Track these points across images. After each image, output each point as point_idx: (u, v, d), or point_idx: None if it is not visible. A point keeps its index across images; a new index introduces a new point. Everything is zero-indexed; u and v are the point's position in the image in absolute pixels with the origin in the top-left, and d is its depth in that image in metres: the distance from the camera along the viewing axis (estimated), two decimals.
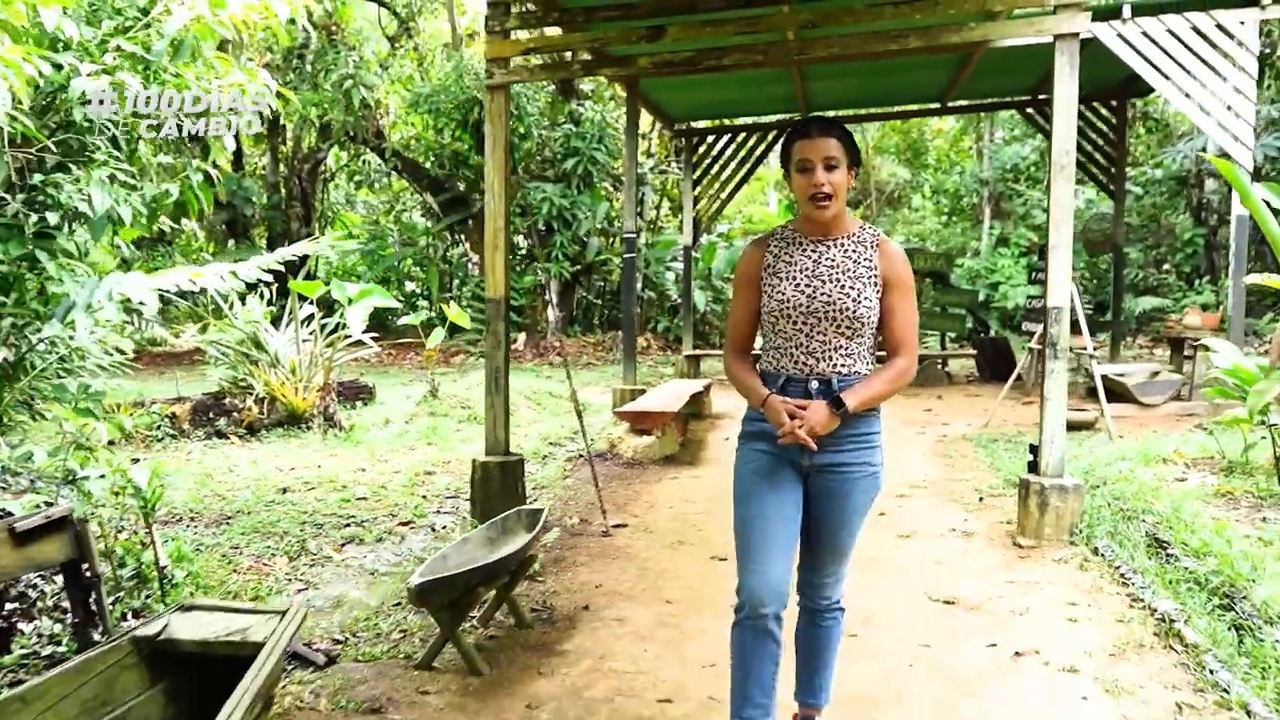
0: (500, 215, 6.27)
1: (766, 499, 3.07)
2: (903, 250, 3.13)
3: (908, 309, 3.08)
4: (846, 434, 3.04)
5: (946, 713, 3.67)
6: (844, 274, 3.02)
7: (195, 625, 2.99)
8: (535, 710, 3.71)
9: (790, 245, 3.13)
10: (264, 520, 6.42)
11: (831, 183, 2.96)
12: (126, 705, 2.72)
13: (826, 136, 2.97)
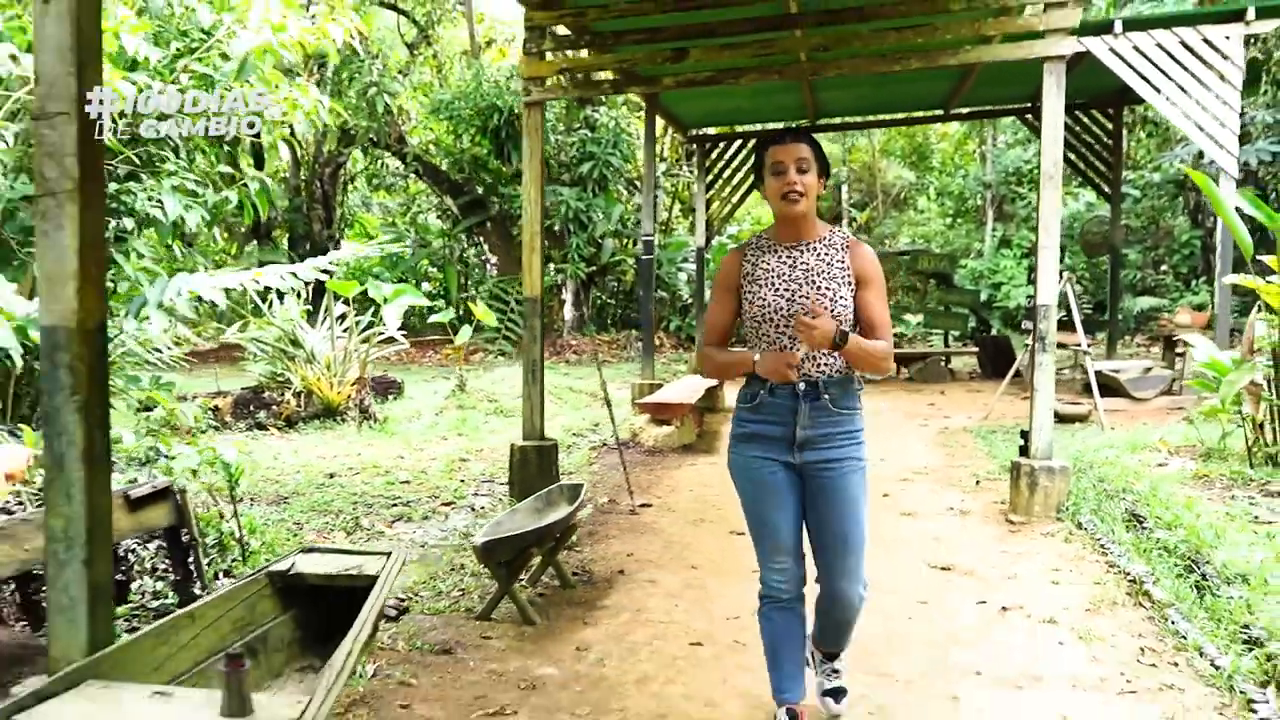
0: (537, 220, 6.87)
1: (766, 502, 3.27)
2: (871, 249, 3.32)
3: (879, 302, 3.25)
4: (835, 432, 3.20)
5: (940, 656, 4.24)
6: (819, 276, 3.17)
7: (317, 563, 3.59)
8: (584, 651, 4.29)
9: (766, 253, 3.28)
10: (318, 500, 7.01)
11: (803, 183, 3.13)
12: (265, 626, 3.30)
13: (798, 142, 3.17)
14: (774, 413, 3.22)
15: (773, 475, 3.25)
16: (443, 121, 18.34)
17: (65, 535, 2.78)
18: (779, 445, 3.23)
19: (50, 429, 2.79)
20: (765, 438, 3.25)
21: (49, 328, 2.75)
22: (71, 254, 2.70)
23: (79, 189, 2.70)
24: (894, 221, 25.81)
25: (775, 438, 3.24)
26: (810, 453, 3.19)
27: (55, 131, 2.70)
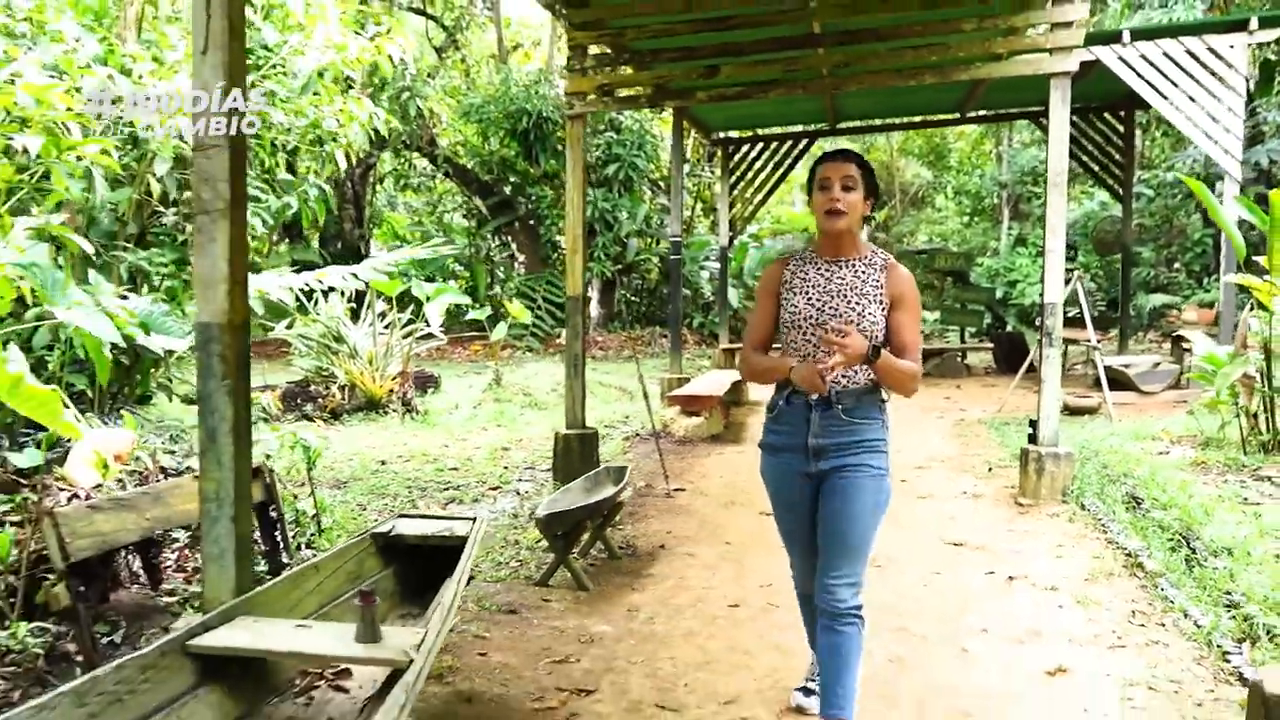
0: (579, 224, 7.40)
1: (787, 516, 3.47)
2: (909, 273, 3.40)
3: (913, 325, 3.33)
4: (851, 440, 3.28)
5: (952, 617, 4.75)
6: (852, 291, 3.28)
7: (413, 526, 4.13)
8: (634, 612, 4.82)
9: (807, 264, 3.40)
10: (375, 484, 7.56)
11: (846, 200, 3.23)
12: (371, 579, 3.84)
13: (848, 161, 3.29)
14: (789, 422, 3.36)
15: (790, 487, 3.40)
16: (472, 124, 18.89)
17: (217, 496, 3.33)
18: (797, 455, 3.34)
19: (204, 408, 3.33)
20: (785, 448, 3.38)
21: (203, 324, 3.29)
22: (223, 262, 3.25)
23: (229, 209, 3.24)
24: (912, 220, 26.25)
25: (793, 447, 3.35)
26: (825, 461, 3.29)
27: (210, 161, 3.24)
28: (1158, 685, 3.92)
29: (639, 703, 3.82)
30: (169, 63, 6.22)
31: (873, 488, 3.27)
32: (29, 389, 4.43)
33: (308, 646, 2.96)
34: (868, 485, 3.26)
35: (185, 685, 2.94)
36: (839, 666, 3.28)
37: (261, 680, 3.16)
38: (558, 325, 19.01)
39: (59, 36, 5.68)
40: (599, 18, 7.08)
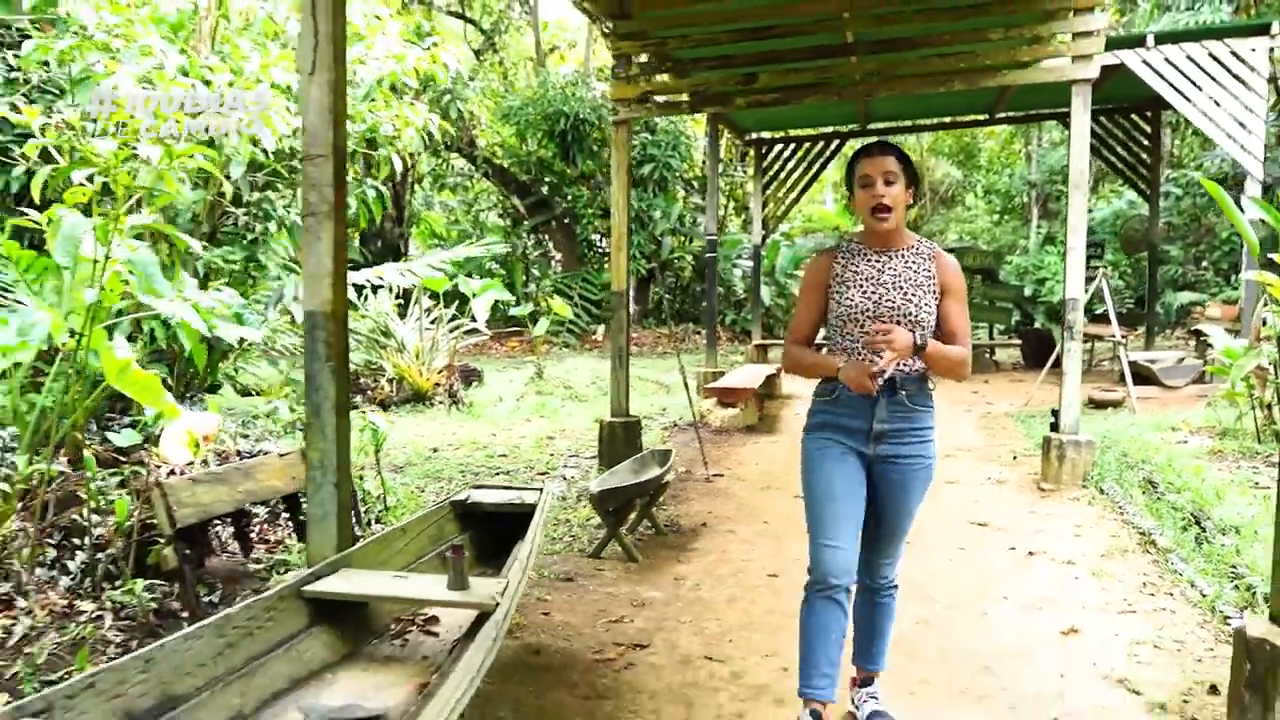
0: (624, 224, 7.82)
1: (836, 481, 3.34)
2: (957, 261, 3.45)
3: (961, 312, 3.39)
4: (908, 428, 3.33)
5: (974, 587, 5.15)
6: (906, 282, 3.30)
7: (487, 495, 4.57)
8: (681, 581, 5.25)
9: (856, 257, 3.40)
10: (430, 469, 8.02)
11: (891, 195, 3.24)
12: (448, 543, 4.28)
13: (886, 155, 3.27)
14: (852, 405, 3.33)
15: (845, 455, 3.36)
16: (510, 126, 19.37)
17: (321, 465, 3.78)
18: (856, 435, 3.34)
19: (310, 387, 3.78)
20: (843, 427, 3.36)
21: (311, 313, 3.74)
22: (328, 259, 3.70)
23: (333, 211, 3.69)
24: (942, 219, 26.50)
25: (852, 429, 3.34)
26: (884, 446, 3.32)
27: (317, 169, 3.69)
28: (1162, 644, 4.31)
29: (689, 655, 4.25)
30: (245, 73, 6.67)
31: (923, 478, 3.39)
32: (135, 373, 4.89)
33: (406, 592, 3.41)
34: (921, 477, 3.38)
35: (300, 625, 3.39)
36: (879, 628, 3.61)
37: (363, 624, 3.61)
38: (593, 322, 19.47)
39: (148, 50, 6.14)
40: (643, 29, 7.50)
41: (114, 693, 2.70)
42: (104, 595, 4.56)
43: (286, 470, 5.38)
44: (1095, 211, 20.01)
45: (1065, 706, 3.72)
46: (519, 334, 18.83)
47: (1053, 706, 3.72)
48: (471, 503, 4.52)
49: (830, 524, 3.33)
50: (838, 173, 26.14)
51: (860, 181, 3.30)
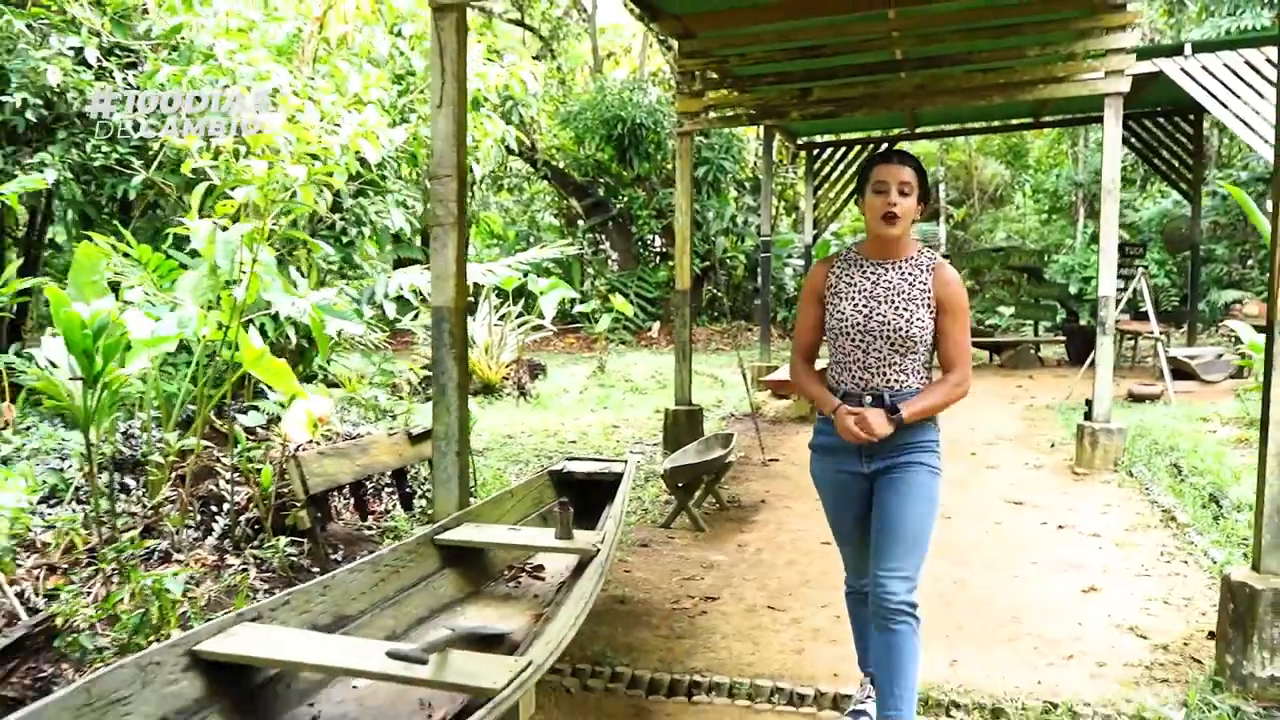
0: (687, 227, 8.48)
1: (841, 514, 3.48)
2: (958, 275, 3.35)
3: (960, 331, 3.30)
4: (904, 443, 3.27)
5: (1007, 554, 5.75)
6: (898, 295, 3.23)
7: (580, 466, 5.27)
8: (744, 547, 5.90)
9: (852, 267, 3.35)
10: (507, 453, 8.73)
11: (902, 206, 3.18)
12: (548, 506, 4.98)
13: (904, 165, 3.22)
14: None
15: (843, 486, 3.40)
16: (569, 130, 20.09)
17: (445, 436, 4.48)
18: (850, 456, 3.33)
19: (436, 370, 4.48)
20: (838, 448, 3.34)
21: (437, 308, 4.44)
22: (452, 263, 4.39)
23: (456, 222, 4.38)
24: (990, 218, 26.86)
25: (846, 448, 3.31)
26: (878, 461, 3.29)
27: (443, 187, 4.39)
28: (1172, 601, 4.90)
29: (754, 605, 4.90)
30: (348, 94, 7.40)
31: (928, 483, 3.28)
32: (269, 361, 5.64)
33: (521, 540, 4.10)
34: (923, 480, 3.28)
35: (434, 567, 4.09)
36: (895, 666, 3.27)
37: (483, 568, 4.31)
38: (648, 319, 20.15)
39: (265, 75, 6.88)
40: (706, 48, 8.15)
41: (303, 609, 3.41)
42: (246, 551, 5.30)
43: (394, 448, 6.10)
44: (1141, 211, 20.36)
45: (1080, 647, 4.33)
46: (577, 331, 19.57)
47: (1070, 647, 4.33)
48: (566, 472, 5.21)
49: (847, 549, 3.59)
50: None
51: (875, 186, 3.23)
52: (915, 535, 3.27)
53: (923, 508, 3.27)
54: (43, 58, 7.89)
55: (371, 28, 8.40)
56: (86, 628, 4.06)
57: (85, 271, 5.84)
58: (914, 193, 3.22)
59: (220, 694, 3.00)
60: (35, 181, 7.02)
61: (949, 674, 4.06)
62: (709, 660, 4.24)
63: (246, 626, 3.15)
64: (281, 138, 5.27)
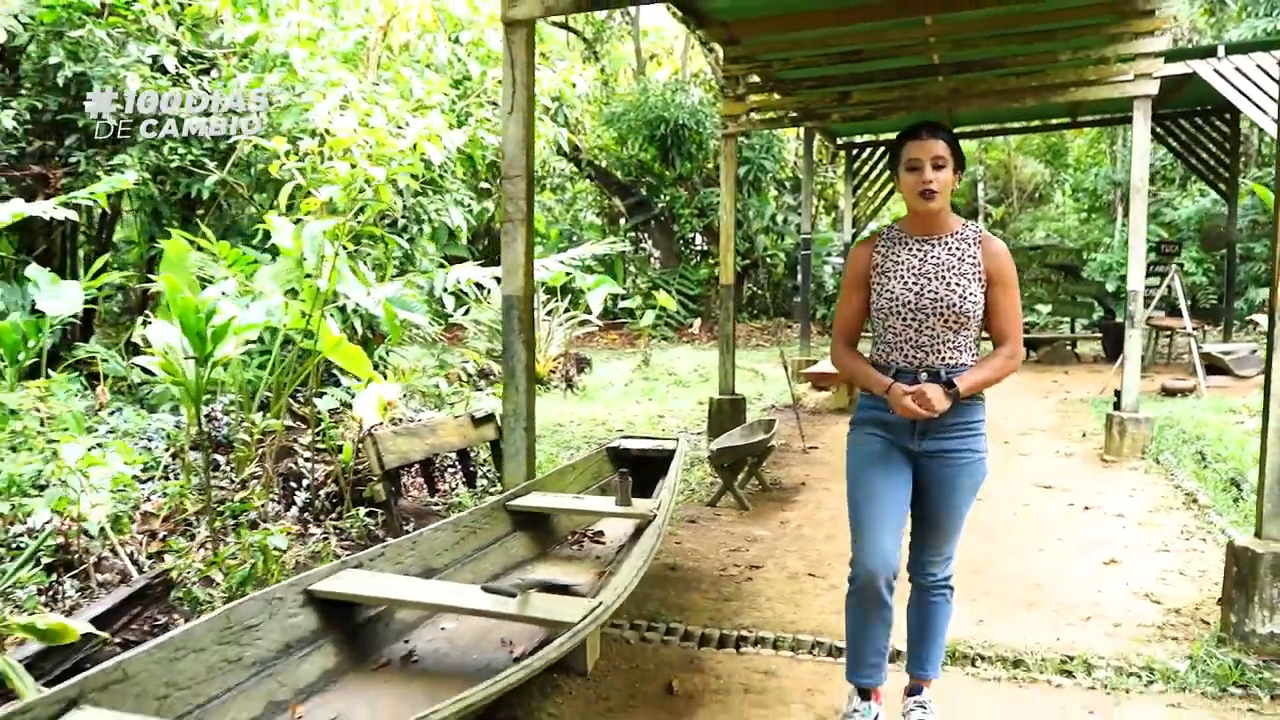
0: (731, 225, 8.89)
1: (878, 480, 3.28)
2: (1005, 246, 3.30)
3: (1010, 303, 3.25)
4: (954, 422, 3.22)
5: (1034, 532, 6.10)
6: (949, 271, 3.18)
7: (635, 443, 5.70)
8: (785, 524, 6.30)
9: (897, 245, 3.29)
10: (559, 440, 9.17)
11: (939, 180, 3.12)
12: (606, 479, 5.41)
13: (935, 139, 3.14)
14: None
15: (888, 453, 3.30)
16: (613, 130, 20.54)
17: (515, 413, 4.92)
18: (902, 431, 3.26)
19: (506, 354, 4.92)
20: (888, 423, 3.28)
21: (508, 296, 4.88)
22: (521, 255, 4.82)
23: (525, 219, 4.82)
24: (1029, 216, 27.02)
25: (898, 424, 3.26)
26: (930, 441, 3.24)
27: (514, 186, 4.82)
28: (1188, 572, 5.24)
29: (796, 573, 5.30)
30: (412, 98, 7.87)
31: (973, 472, 3.28)
32: (346, 347, 6.11)
33: (585, 506, 4.54)
34: (970, 471, 3.27)
35: (506, 530, 4.53)
36: (930, 632, 3.45)
37: (549, 532, 4.75)
38: (689, 316, 20.55)
39: (337, 82, 7.36)
40: (750, 53, 8.54)
41: (396, 560, 3.86)
42: (326, 522, 5.77)
43: (459, 430, 6.55)
44: (1179, 210, 20.49)
45: (1098, 611, 4.70)
46: (620, 327, 20.01)
47: (1088, 611, 4.70)
48: (622, 449, 5.65)
49: (869, 522, 3.28)
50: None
51: (908, 165, 3.18)
52: (958, 525, 3.36)
53: (969, 497, 3.31)
54: (122, 65, 8.42)
55: (433, 35, 8.86)
56: (195, 582, 4.54)
57: (175, 265, 6.35)
58: (949, 165, 3.16)
59: (330, 628, 3.45)
60: (121, 182, 7.55)
61: (975, 632, 4.44)
62: (754, 619, 4.65)
63: (351, 572, 3.60)
64: (360, 141, 5.72)
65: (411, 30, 8.82)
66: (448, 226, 9.21)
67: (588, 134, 22.22)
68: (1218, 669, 3.96)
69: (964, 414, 3.24)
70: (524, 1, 4.77)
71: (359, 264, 8.06)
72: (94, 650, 3.76)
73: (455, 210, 8.92)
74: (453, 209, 8.93)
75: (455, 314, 13.90)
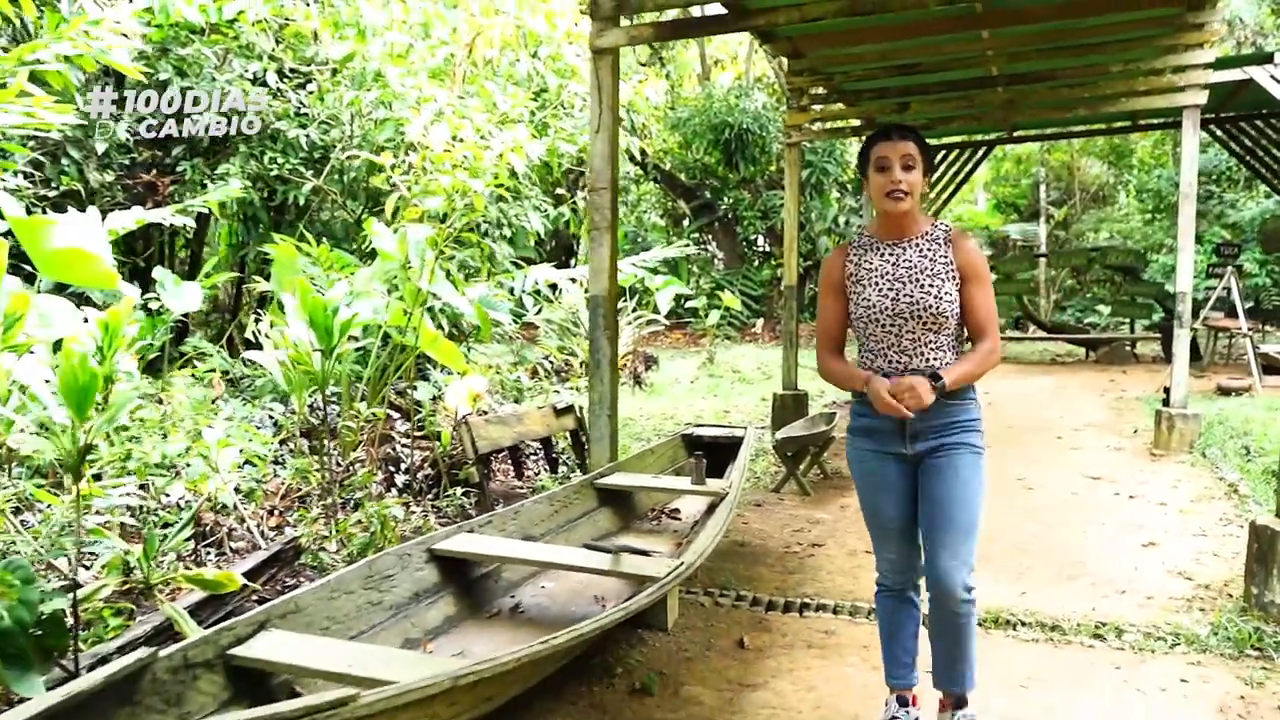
0: (794, 228, 9.39)
1: (883, 496, 3.32)
2: (975, 241, 3.28)
3: (985, 298, 3.22)
4: (949, 422, 3.20)
5: (1079, 517, 6.52)
6: (922, 273, 3.17)
7: (706, 431, 6.23)
8: (845, 508, 6.79)
9: (868, 252, 3.27)
10: (631, 432, 9.71)
11: (908, 181, 3.10)
12: (681, 463, 5.95)
13: (904, 140, 3.12)
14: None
15: (884, 467, 3.29)
16: (678, 134, 21.06)
17: (600, 401, 5.47)
18: (892, 437, 3.25)
19: (591, 348, 5.47)
20: (878, 431, 3.26)
21: (594, 295, 5.43)
22: (606, 259, 5.37)
23: (610, 226, 5.36)
24: (1092, 218, 27.05)
25: (887, 430, 3.24)
26: (922, 443, 3.22)
27: (600, 197, 5.37)
28: (1221, 554, 5.65)
29: (854, 550, 5.79)
30: (497, 112, 8.44)
31: (972, 463, 3.23)
32: (443, 342, 6.70)
33: (663, 484, 5.07)
34: (971, 463, 3.22)
35: (592, 505, 5.08)
36: (962, 645, 3.32)
37: (631, 509, 5.30)
38: (752, 316, 21.01)
39: (429, 98, 7.96)
40: (813, 66, 9.01)
41: (501, 527, 4.42)
42: (425, 500, 6.36)
43: (543, 419, 7.12)
44: (1242, 211, 20.53)
45: (1133, 586, 5.13)
46: (684, 327, 20.52)
47: (1123, 585, 5.14)
48: (695, 436, 6.18)
49: (881, 540, 3.42)
50: (989, 174, 27.03)
51: (877, 165, 3.16)
52: (971, 521, 3.22)
53: (975, 492, 3.22)
54: (226, 80, 9.10)
55: (514, 51, 9.44)
56: (318, 549, 5.14)
57: (286, 268, 7.00)
58: (918, 165, 3.14)
59: (450, 582, 4.02)
60: (233, 191, 8.24)
61: (1017, 601, 4.90)
62: (816, 589, 5.15)
63: (466, 534, 4.17)
64: (460, 156, 6.30)
65: (494, 46, 9.40)
66: (525, 230, 9.78)
67: (653, 139, 22.76)
68: (1237, 634, 4.39)
69: (954, 414, 3.21)
70: (610, 32, 5.31)
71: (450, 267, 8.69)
72: (238, 605, 4.38)
73: (534, 215, 9.48)
74: (531, 214, 9.49)
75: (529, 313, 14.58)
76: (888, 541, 3.38)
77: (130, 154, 9.89)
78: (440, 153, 6.26)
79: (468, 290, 7.32)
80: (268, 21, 9.29)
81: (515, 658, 2.71)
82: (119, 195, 9.67)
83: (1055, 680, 4.02)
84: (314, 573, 4.97)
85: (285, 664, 2.82)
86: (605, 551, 3.80)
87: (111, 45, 4.93)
